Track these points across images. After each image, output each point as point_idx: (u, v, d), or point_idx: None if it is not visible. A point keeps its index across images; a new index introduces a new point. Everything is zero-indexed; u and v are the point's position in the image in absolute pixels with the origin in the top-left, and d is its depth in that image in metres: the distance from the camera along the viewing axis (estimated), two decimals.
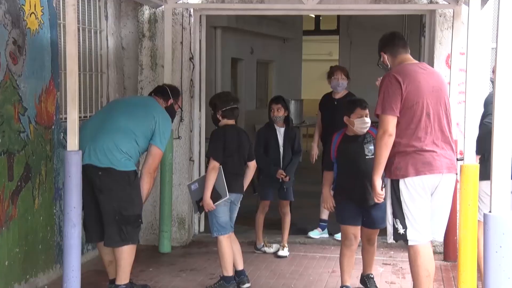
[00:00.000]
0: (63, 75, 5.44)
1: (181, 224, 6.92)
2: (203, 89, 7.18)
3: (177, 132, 6.81)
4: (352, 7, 6.74)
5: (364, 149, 4.93)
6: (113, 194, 4.70)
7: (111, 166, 4.68)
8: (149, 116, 4.85)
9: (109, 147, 4.69)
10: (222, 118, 5.19)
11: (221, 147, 5.07)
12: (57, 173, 5.48)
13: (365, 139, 4.97)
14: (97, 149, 4.70)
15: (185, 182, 6.89)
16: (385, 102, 4.19)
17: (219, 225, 5.13)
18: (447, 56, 6.46)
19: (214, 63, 11.45)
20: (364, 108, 4.95)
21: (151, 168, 4.86)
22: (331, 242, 6.91)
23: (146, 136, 4.82)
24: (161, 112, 4.98)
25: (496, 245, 2.93)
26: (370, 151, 4.91)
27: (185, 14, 6.80)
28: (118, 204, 4.71)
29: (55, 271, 5.47)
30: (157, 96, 5.15)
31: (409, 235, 4.25)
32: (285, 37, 15.13)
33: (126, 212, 4.73)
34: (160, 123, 4.85)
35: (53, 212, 5.46)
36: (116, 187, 4.69)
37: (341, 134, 5.08)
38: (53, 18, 5.38)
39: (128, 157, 4.74)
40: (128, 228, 4.73)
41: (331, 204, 5.10)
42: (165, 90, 5.22)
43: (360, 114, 4.93)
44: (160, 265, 6.10)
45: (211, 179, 5.02)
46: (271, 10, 7.13)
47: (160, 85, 5.47)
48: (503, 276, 2.95)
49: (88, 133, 4.80)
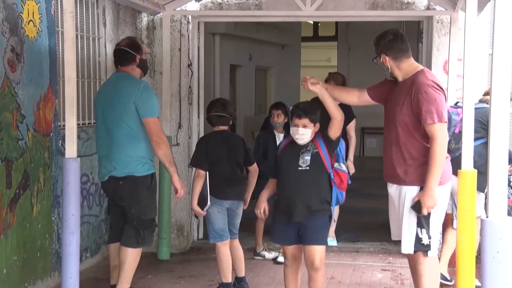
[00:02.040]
0: (61, 82, 5.46)
1: (180, 231, 6.93)
2: (202, 96, 7.21)
3: (176, 139, 6.83)
4: (350, 13, 6.77)
5: (298, 159, 4.48)
6: (134, 200, 4.77)
7: (131, 173, 4.74)
8: (127, 105, 4.70)
9: (122, 157, 4.73)
10: (210, 124, 5.24)
11: (203, 155, 5.10)
12: (56, 181, 5.49)
13: (304, 147, 4.51)
14: (113, 162, 4.75)
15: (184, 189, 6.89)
16: (438, 110, 4.13)
17: (215, 231, 5.15)
18: (445, 62, 6.49)
19: (212, 70, 11.46)
20: (299, 117, 4.45)
21: (154, 136, 4.72)
22: (329, 248, 6.90)
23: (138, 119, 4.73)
24: (133, 87, 4.73)
25: (493, 251, 2.95)
26: (305, 162, 4.48)
27: (183, 21, 6.83)
28: (137, 208, 4.78)
29: (53, 278, 5.47)
30: (124, 67, 4.89)
31: (434, 245, 4.21)
32: (284, 44, 15.16)
33: (144, 216, 4.81)
34: (138, 99, 4.69)
35: (51, 219, 5.46)
36: (136, 193, 4.76)
37: (288, 140, 4.67)
38: (51, 25, 5.40)
39: (144, 161, 4.77)
40: (145, 232, 4.82)
41: (262, 210, 4.66)
42: (126, 54, 4.86)
43: (295, 123, 4.48)
44: (159, 272, 6.10)
45: (196, 186, 5.07)
46: (269, 16, 7.16)
47: (118, 49, 4.97)
48: (500, 281, 2.96)
49: (99, 147, 4.86)
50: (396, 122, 4.27)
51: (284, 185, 4.54)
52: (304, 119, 4.42)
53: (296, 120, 4.46)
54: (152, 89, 4.87)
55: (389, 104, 4.41)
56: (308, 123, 4.44)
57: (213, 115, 5.19)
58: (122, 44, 4.98)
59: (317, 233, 4.44)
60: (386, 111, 4.44)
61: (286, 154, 4.59)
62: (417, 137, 4.23)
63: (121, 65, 4.91)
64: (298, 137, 4.47)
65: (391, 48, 4.33)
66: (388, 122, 4.39)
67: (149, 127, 4.72)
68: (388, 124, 4.39)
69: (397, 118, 4.26)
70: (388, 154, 4.36)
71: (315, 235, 4.44)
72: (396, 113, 4.28)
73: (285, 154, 4.59)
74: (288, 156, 4.55)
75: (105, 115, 4.80)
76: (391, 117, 4.35)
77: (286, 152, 4.59)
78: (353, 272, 6.13)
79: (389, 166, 4.37)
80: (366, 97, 4.55)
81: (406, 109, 4.22)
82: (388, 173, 4.41)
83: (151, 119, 4.72)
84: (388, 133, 4.38)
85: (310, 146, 4.51)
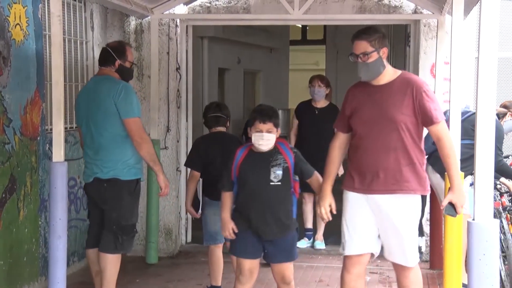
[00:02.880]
0: (49, 86, 5.44)
1: (168, 235, 6.91)
2: (190, 99, 7.20)
3: (164, 143, 6.81)
4: (338, 17, 6.80)
5: (269, 173, 4.17)
6: (116, 203, 4.73)
7: (116, 176, 4.71)
8: (109, 107, 4.65)
9: (108, 160, 4.70)
10: (208, 127, 5.24)
11: (196, 156, 5.11)
12: (43, 185, 5.46)
13: (274, 160, 4.21)
14: (99, 164, 4.72)
15: (172, 192, 6.89)
16: (440, 108, 3.96)
17: (209, 234, 5.15)
18: (432, 66, 6.53)
19: (201, 73, 11.45)
20: (264, 122, 4.13)
21: (135, 136, 4.66)
22: (317, 252, 6.93)
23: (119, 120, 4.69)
24: (113, 88, 4.68)
25: (479, 253, 2.96)
26: (277, 176, 4.17)
27: (171, 25, 6.82)
28: (118, 213, 4.74)
29: (40, 283, 5.44)
30: (103, 67, 4.85)
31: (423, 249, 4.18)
32: (272, 47, 15.18)
33: (125, 222, 4.77)
34: (118, 99, 4.66)
35: (38, 224, 5.43)
36: (119, 197, 4.72)
37: (246, 149, 4.30)
38: (38, 29, 5.37)
39: (131, 166, 4.75)
40: (124, 238, 4.77)
41: (230, 230, 4.27)
42: (107, 55, 4.83)
43: (259, 129, 4.15)
44: (147, 276, 6.08)
45: (189, 188, 5.07)
46: (257, 20, 7.17)
47: (103, 48, 4.98)
48: (487, 283, 2.97)
49: (86, 149, 4.83)
50: (397, 125, 3.91)
51: (251, 201, 4.22)
52: (269, 124, 4.15)
53: (260, 125, 4.15)
54: (132, 90, 4.81)
55: (370, 109, 3.99)
56: (272, 128, 4.16)
57: (209, 116, 5.20)
58: (109, 45, 4.99)
59: (290, 250, 4.30)
60: (366, 115, 4.00)
61: (250, 166, 4.22)
62: (417, 141, 3.97)
63: (101, 65, 4.90)
64: (262, 143, 4.16)
65: (387, 45, 4.00)
66: (377, 126, 3.95)
67: (130, 127, 4.67)
68: (377, 128, 3.95)
69: (398, 120, 3.90)
70: (377, 161, 3.94)
71: (288, 253, 4.29)
72: (393, 116, 3.91)
73: (249, 166, 4.23)
74: (254, 168, 4.21)
75: (89, 120, 4.77)
76: (382, 121, 3.93)
77: (250, 163, 4.23)
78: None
79: (378, 174, 3.94)
80: (346, 137, 4.16)
81: (407, 110, 3.90)
82: (375, 182, 3.96)
83: (131, 120, 4.67)
84: (375, 138, 3.95)
85: (280, 159, 4.22)
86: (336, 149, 4.18)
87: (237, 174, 4.27)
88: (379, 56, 3.93)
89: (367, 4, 6.69)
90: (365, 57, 3.93)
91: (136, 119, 4.69)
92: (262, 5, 6.78)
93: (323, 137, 6.80)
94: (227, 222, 4.29)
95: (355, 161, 4.08)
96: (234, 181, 4.30)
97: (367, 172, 3.99)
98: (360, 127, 4.03)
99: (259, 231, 4.24)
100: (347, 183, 4.12)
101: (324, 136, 6.80)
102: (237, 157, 4.27)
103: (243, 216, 4.27)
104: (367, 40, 3.92)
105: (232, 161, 4.29)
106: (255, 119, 4.19)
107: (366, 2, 6.69)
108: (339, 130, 4.19)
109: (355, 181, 4.05)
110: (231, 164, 4.29)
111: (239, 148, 4.32)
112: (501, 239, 5.31)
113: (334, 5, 6.70)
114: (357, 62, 3.96)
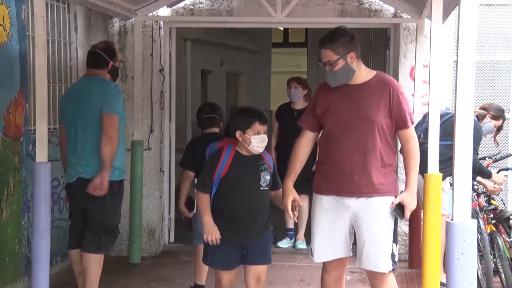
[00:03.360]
0: (32, 86, 5.38)
1: (151, 235, 6.88)
2: (173, 101, 7.17)
3: (148, 144, 6.78)
4: (319, 20, 6.81)
5: (260, 178, 4.02)
6: (99, 204, 4.68)
7: None
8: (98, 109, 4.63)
9: (92, 160, 4.66)
10: (202, 128, 5.23)
11: (191, 156, 5.08)
12: (26, 185, 5.40)
13: (261, 165, 4.05)
14: (83, 163, 4.68)
15: (155, 193, 6.87)
16: (411, 113, 3.87)
17: (199, 233, 5.12)
18: (411, 69, 6.57)
19: (184, 75, 11.41)
20: (264, 123, 3.98)
21: (109, 131, 4.57)
22: (299, 251, 6.94)
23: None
24: (105, 88, 4.68)
25: (458, 252, 2.98)
26: (265, 181, 4.03)
27: (155, 27, 6.79)
28: (102, 214, 4.71)
29: (23, 283, 5.38)
30: (95, 69, 4.84)
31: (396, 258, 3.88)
32: (255, 49, 15.17)
33: (109, 222, 4.75)
34: (106, 96, 4.64)
35: (21, 224, 5.37)
36: (102, 198, 4.67)
37: (232, 150, 4.04)
38: (21, 30, 5.32)
39: (115, 167, 4.70)
40: (106, 238, 4.74)
41: (217, 235, 3.97)
42: (100, 58, 4.83)
43: (258, 130, 3.96)
44: (130, 275, 6.04)
45: (184, 188, 5.05)
46: (240, 22, 7.16)
47: (93, 51, 4.93)
48: (464, 282, 2.99)
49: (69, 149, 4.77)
50: (374, 125, 3.76)
51: (239, 205, 4.00)
52: (265, 125, 4.00)
53: (260, 126, 3.96)
54: (121, 93, 4.82)
55: (346, 108, 3.83)
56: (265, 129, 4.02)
57: (204, 117, 5.18)
58: (98, 47, 4.94)
59: (267, 252, 4.14)
60: (342, 114, 3.83)
61: (241, 169, 4.00)
62: (391, 143, 3.84)
63: (93, 67, 4.86)
64: (261, 146, 3.99)
65: (356, 47, 3.81)
66: (353, 126, 3.79)
67: (107, 121, 4.59)
68: (352, 128, 3.79)
69: (375, 121, 3.76)
70: (351, 162, 3.77)
71: (266, 254, 4.12)
72: (371, 116, 3.76)
73: (240, 170, 4.00)
74: (244, 172, 4.01)
75: (77, 119, 4.73)
76: (358, 121, 3.78)
77: (241, 167, 4.01)
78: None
79: (352, 177, 3.77)
80: (313, 136, 4.02)
81: (383, 112, 3.77)
82: (348, 185, 3.79)
83: (112, 115, 4.62)
84: (350, 138, 3.79)
85: (265, 164, 4.07)
86: (301, 146, 3.99)
87: (224, 176, 4.01)
88: (346, 62, 3.76)
89: (348, 8, 6.72)
90: (330, 66, 3.79)
91: (115, 117, 4.65)
92: (244, 8, 6.77)
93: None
94: (213, 227, 3.99)
95: (327, 162, 3.88)
96: (216, 183, 4.04)
97: (341, 174, 3.80)
98: (334, 127, 3.85)
99: (242, 236, 4.02)
100: (318, 185, 3.94)
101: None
102: (224, 158, 4.01)
103: (226, 223, 3.99)
104: (330, 48, 3.77)
105: (217, 162, 4.02)
106: (253, 121, 3.96)
107: (347, 6, 6.72)
108: (306, 129, 4.01)
109: (327, 184, 3.86)
110: (216, 165, 4.02)
111: (225, 149, 4.04)
112: (478, 239, 5.35)
113: (316, 9, 6.72)
114: (325, 69, 3.83)
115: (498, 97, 6.19)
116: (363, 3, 6.72)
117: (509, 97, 6.62)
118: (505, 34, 6.58)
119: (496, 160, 6.03)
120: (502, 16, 6.59)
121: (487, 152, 6.18)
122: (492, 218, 5.71)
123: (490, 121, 5.76)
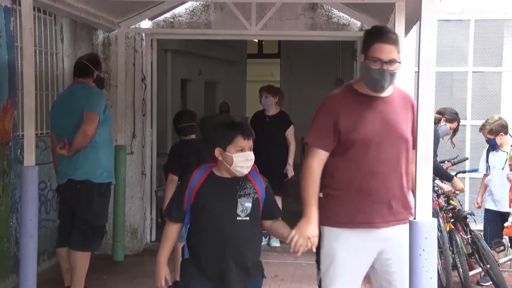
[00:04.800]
0: (20, 94, 5.32)
1: (134, 234, 6.85)
2: (155, 108, 7.16)
3: (130, 148, 6.75)
4: (291, 33, 6.87)
5: (237, 205, 3.03)
6: (87, 205, 4.68)
7: (88, 179, 4.66)
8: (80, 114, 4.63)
9: (82, 164, 4.67)
10: (180, 134, 5.21)
11: (176, 161, 5.07)
12: (14, 188, 5.33)
13: (241, 189, 3.07)
14: (73, 166, 4.67)
15: (137, 194, 6.84)
16: None
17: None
18: None
19: (165, 84, 11.37)
20: (248, 137, 3.04)
21: (87, 127, 4.56)
22: (273, 249, 6.95)
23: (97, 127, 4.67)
24: (89, 93, 4.71)
25: (419, 249, 3.00)
26: (245, 210, 3.04)
27: (137, 38, 6.78)
28: (90, 214, 4.70)
29: (11, 281, 5.30)
30: (81, 78, 4.86)
31: None
32: (231, 60, 15.19)
33: (95, 222, 4.74)
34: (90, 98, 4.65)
35: (9, 224, 5.30)
36: (90, 198, 4.67)
37: (205, 171, 3.10)
38: (10, 40, 5.26)
39: (103, 170, 4.72)
40: (94, 237, 4.74)
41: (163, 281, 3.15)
42: (86, 68, 4.85)
43: (241, 146, 3.02)
44: (113, 272, 6.00)
45: (168, 191, 5.00)
46: (217, 35, 7.18)
47: (80, 62, 4.95)
48: (426, 277, 3.01)
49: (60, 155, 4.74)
50: (408, 144, 3.17)
51: (211, 240, 3.03)
52: (251, 139, 3.08)
53: (243, 141, 3.03)
54: (105, 98, 4.85)
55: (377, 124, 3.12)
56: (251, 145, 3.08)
57: (184, 126, 5.18)
58: (84, 58, 4.99)
59: None
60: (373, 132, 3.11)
61: (211, 194, 3.05)
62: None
63: (79, 77, 4.88)
64: (246, 166, 3.04)
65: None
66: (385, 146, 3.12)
67: (86, 117, 4.59)
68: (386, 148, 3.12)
69: (408, 140, 3.16)
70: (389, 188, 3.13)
71: None
72: (404, 134, 3.16)
73: (209, 195, 3.05)
74: (215, 198, 3.05)
75: (66, 125, 4.72)
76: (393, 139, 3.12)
77: (211, 191, 3.06)
78: (294, 271, 6.17)
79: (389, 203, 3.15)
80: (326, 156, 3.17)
81: (410, 130, 3.20)
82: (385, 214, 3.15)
83: (92, 113, 4.63)
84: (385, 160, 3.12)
85: (249, 188, 3.09)
86: (315, 169, 3.12)
87: (192, 202, 3.08)
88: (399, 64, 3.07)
89: (318, 22, 6.78)
90: (392, 65, 3.05)
91: (96, 116, 4.64)
92: (222, 21, 6.80)
93: (275, 144, 6.83)
94: (161, 268, 3.13)
95: (351, 188, 3.13)
96: (187, 210, 3.12)
97: (375, 202, 3.12)
98: (364, 146, 3.09)
99: (217, 279, 3.06)
100: (339, 218, 3.16)
101: (275, 142, 6.84)
102: (193, 180, 3.07)
103: (199, 261, 3.07)
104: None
105: (186, 185, 3.09)
106: (235, 135, 3.02)
107: (317, 20, 6.77)
108: (321, 148, 3.14)
109: (354, 214, 3.12)
110: (185, 188, 3.09)
111: (196, 170, 3.12)
112: (438, 237, 5.42)
113: (288, 22, 6.77)
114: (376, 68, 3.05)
115: (455, 106, 6.28)
116: (331, 18, 6.77)
117: (465, 105, 6.73)
118: (461, 47, 6.68)
119: (454, 163, 6.12)
120: (458, 31, 6.70)
121: (446, 156, 6.27)
122: (451, 217, 5.78)
123: (446, 124, 5.84)
